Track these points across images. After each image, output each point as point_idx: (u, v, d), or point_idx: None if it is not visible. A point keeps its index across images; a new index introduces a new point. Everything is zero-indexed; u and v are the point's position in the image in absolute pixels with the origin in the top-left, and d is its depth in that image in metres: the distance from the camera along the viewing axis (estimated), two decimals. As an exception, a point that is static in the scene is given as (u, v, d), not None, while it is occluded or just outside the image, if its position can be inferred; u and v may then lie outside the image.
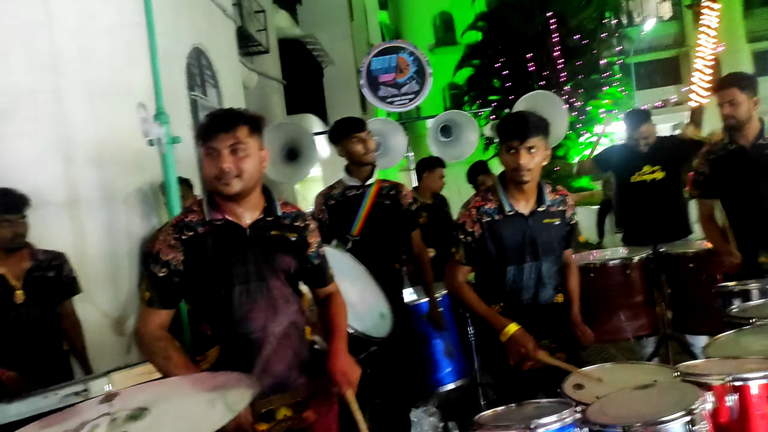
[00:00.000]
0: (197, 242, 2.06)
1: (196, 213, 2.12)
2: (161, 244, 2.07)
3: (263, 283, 2.09)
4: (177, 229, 2.07)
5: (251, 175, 2.04)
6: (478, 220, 2.66)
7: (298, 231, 2.21)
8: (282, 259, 2.14)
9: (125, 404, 1.26)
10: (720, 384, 1.90)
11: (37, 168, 3.74)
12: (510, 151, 2.58)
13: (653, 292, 4.19)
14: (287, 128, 5.79)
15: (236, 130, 2.00)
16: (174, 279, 2.05)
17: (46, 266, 3.29)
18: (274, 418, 2.09)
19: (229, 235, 2.08)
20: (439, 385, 3.85)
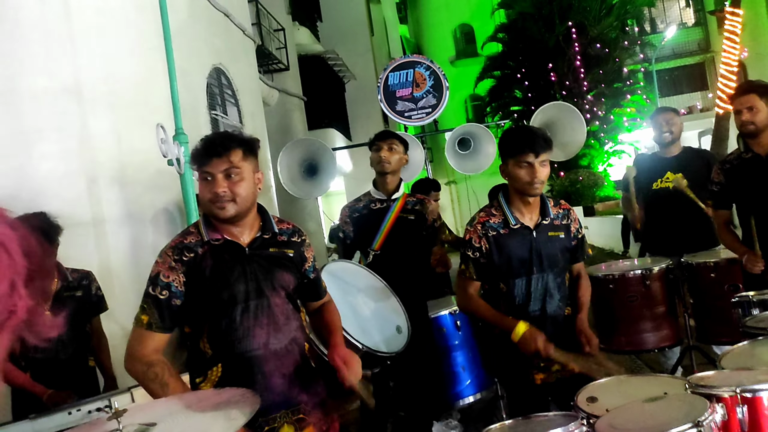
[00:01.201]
0: (197, 263, 2.07)
1: (194, 234, 2.14)
2: (161, 267, 2.07)
3: (264, 300, 2.11)
4: (177, 251, 2.08)
5: (246, 198, 2.07)
6: (484, 234, 2.69)
7: (296, 247, 2.24)
8: (282, 275, 2.17)
9: (134, 420, 1.31)
10: (730, 396, 1.89)
11: (62, 189, 3.85)
12: (523, 165, 2.61)
13: (675, 303, 4.15)
14: (306, 143, 5.86)
15: (230, 154, 2.02)
16: (174, 301, 2.05)
17: (74, 286, 3.36)
18: None
19: (229, 254, 2.11)
20: (459, 398, 3.84)
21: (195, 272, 2.07)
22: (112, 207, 4.03)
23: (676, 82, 24.77)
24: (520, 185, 2.65)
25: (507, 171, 2.68)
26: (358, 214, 3.63)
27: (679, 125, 4.48)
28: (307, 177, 5.76)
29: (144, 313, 2.06)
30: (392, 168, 3.59)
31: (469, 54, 27.98)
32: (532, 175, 2.58)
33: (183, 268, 2.06)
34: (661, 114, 4.52)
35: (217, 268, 2.08)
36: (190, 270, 2.07)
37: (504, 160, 2.70)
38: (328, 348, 2.21)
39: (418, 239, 3.59)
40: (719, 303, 3.74)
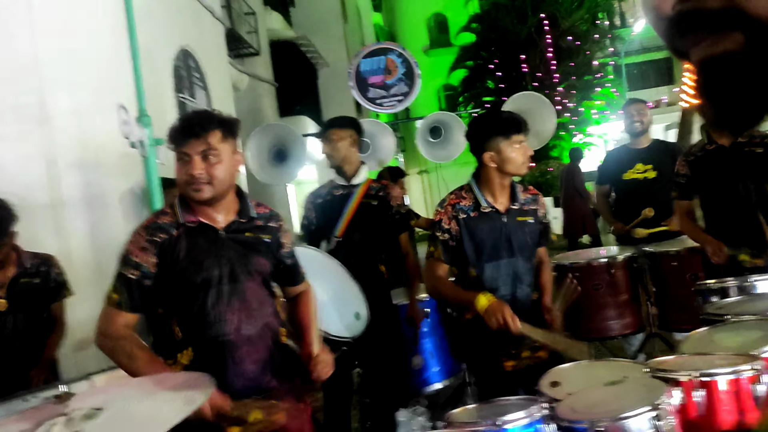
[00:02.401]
0: (171, 245, 2.04)
1: (169, 215, 2.10)
2: (132, 246, 2.04)
3: (237, 285, 2.08)
4: (150, 231, 2.05)
5: (222, 180, 2.03)
6: (454, 217, 2.68)
7: (272, 232, 2.22)
8: (257, 260, 2.14)
9: (82, 404, 1.27)
10: (687, 380, 1.92)
11: (21, 171, 3.75)
12: (515, 145, 2.61)
13: (638, 291, 4.23)
14: (275, 129, 5.79)
15: (208, 135, 1.98)
16: (145, 282, 2.02)
17: (33, 272, 3.27)
18: (246, 421, 2.08)
19: (203, 237, 2.08)
20: (427, 385, 3.85)
21: (168, 254, 2.03)
22: (71, 190, 3.94)
23: (644, 76, 25.16)
24: (515, 166, 2.64)
25: (498, 156, 2.63)
26: (321, 200, 3.60)
27: (648, 116, 4.56)
28: (276, 163, 5.68)
29: (115, 292, 2.03)
30: (339, 157, 3.54)
31: (443, 44, 27.99)
32: (525, 154, 2.62)
33: (155, 249, 2.03)
34: (633, 105, 4.61)
35: (191, 251, 2.05)
36: (163, 251, 2.03)
37: (489, 142, 2.64)
38: (302, 344, 2.20)
39: (381, 225, 3.56)
40: (680, 291, 3.81)
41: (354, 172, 3.59)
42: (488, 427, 1.77)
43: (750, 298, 2.79)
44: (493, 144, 2.63)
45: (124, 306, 2.01)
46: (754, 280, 2.91)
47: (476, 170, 2.76)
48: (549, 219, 2.90)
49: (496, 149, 2.63)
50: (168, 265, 2.03)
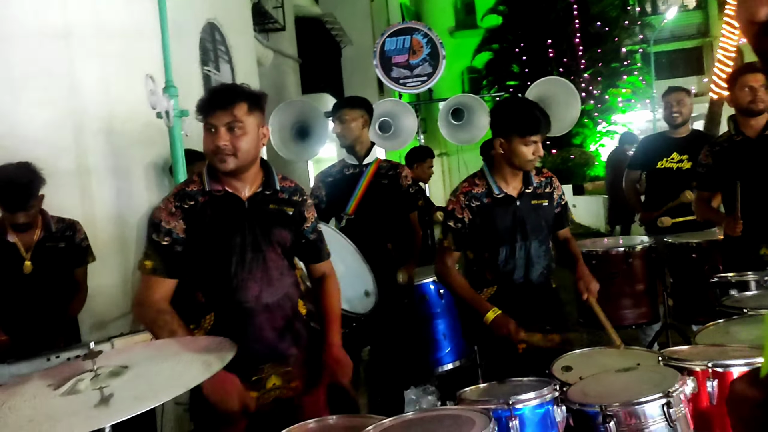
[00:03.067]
0: (197, 212, 2.10)
1: (197, 183, 2.16)
2: (163, 213, 2.10)
3: (259, 255, 2.13)
4: (178, 198, 2.11)
5: (247, 152, 2.07)
6: (467, 205, 2.71)
7: (296, 205, 2.26)
8: (279, 232, 2.18)
9: (108, 362, 1.32)
10: (701, 369, 1.93)
11: (49, 136, 3.80)
12: (529, 143, 2.63)
13: (656, 282, 4.21)
14: (299, 105, 5.81)
15: (234, 107, 2.02)
16: (176, 248, 2.08)
17: (58, 237, 3.35)
18: (264, 386, 2.15)
19: (228, 206, 2.13)
20: (439, 365, 3.89)
21: (194, 220, 2.09)
22: (98, 158, 3.99)
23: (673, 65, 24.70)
24: (521, 162, 2.67)
25: (507, 146, 2.66)
26: (331, 179, 3.66)
27: (689, 106, 4.46)
28: (297, 139, 5.72)
29: (148, 259, 2.09)
30: (351, 138, 3.58)
31: (469, 25, 27.68)
32: (536, 153, 2.64)
33: (182, 215, 2.08)
34: (673, 93, 4.50)
35: (216, 218, 2.10)
36: (189, 218, 2.09)
37: (505, 135, 2.67)
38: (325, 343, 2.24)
39: (391, 205, 3.61)
40: (698, 283, 3.78)
41: (366, 152, 3.63)
42: (499, 406, 1.80)
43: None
44: (509, 138, 2.66)
45: (159, 272, 2.07)
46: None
47: (489, 157, 2.79)
48: (566, 200, 2.90)
49: (508, 140, 2.65)
50: (195, 230, 2.09)
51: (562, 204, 2.87)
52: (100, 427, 1.12)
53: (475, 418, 1.66)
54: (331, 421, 2.03)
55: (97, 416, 1.12)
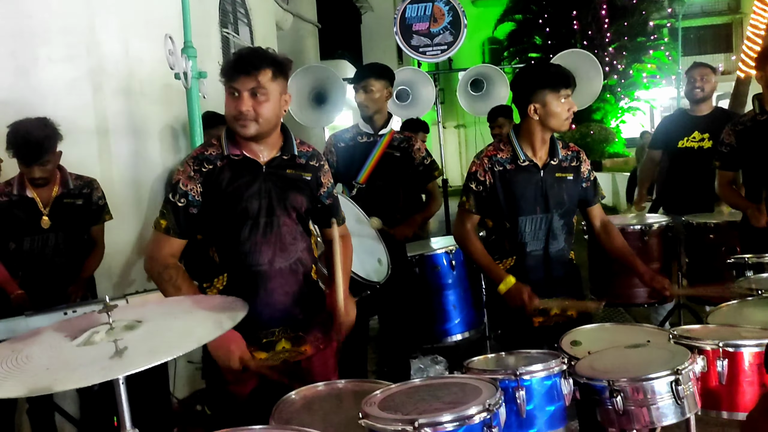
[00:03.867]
0: (215, 175, 2.12)
1: (216, 147, 2.17)
2: (181, 175, 2.13)
3: (273, 219, 2.15)
4: (197, 162, 2.13)
5: (269, 119, 2.07)
6: (490, 168, 2.68)
7: (313, 171, 2.27)
8: (294, 197, 2.20)
9: (123, 316, 1.34)
10: (712, 349, 1.92)
11: (68, 94, 3.80)
12: (562, 98, 2.58)
13: (671, 261, 4.18)
14: (317, 71, 5.77)
15: (259, 73, 2.02)
16: (191, 210, 2.11)
17: (76, 194, 3.39)
18: (274, 348, 2.18)
19: (246, 170, 2.14)
20: (448, 335, 3.91)
21: (212, 184, 2.11)
22: (116, 117, 3.99)
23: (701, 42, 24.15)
24: (558, 121, 2.61)
25: (543, 108, 2.59)
26: (344, 145, 3.64)
27: (713, 83, 4.37)
28: (314, 105, 5.69)
29: (163, 218, 2.12)
30: (373, 109, 3.56)
31: (492, -6, 27.17)
32: (570, 110, 2.60)
33: (201, 179, 2.11)
34: (696, 69, 4.41)
35: (233, 182, 2.12)
36: (208, 181, 2.11)
37: (536, 94, 2.60)
38: (331, 288, 2.25)
39: (402, 176, 3.61)
40: (714, 264, 3.75)
41: (384, 123, 3.61)
42: (506, 377, 1.81)
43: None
44: (540, 96, 2.59)
45: (172, 232, 2.11)
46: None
47: (517, 123, 2.74)
48: (595, 175, 2.83)
49: (542, 101, 2.59)
50: (211, 194, 2.11)
51: (591, 179, 2.79)
52: (114, 378, 1.15)
53: (482, 387, 1.67)
54: (340, 385, 2.06)
55: (112, 367, 1.14)
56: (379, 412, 1.57)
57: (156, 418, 3.06)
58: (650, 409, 1.79)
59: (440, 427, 1.48)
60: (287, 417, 1.83)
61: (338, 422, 1.76)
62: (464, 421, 1.50)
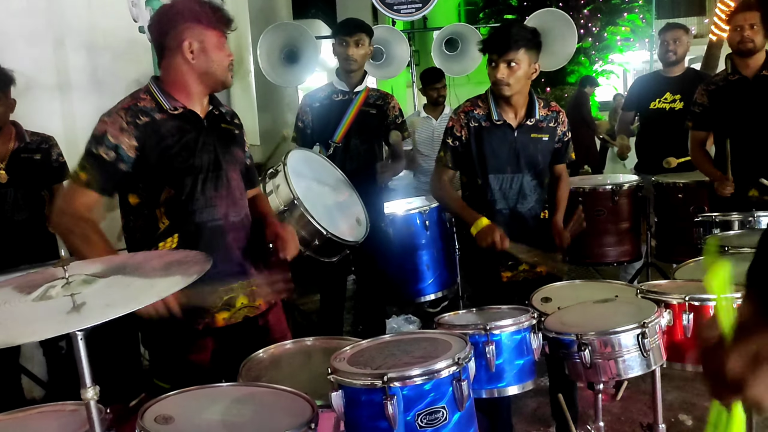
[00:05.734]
0: (154, 128, 1.99)
1: (148, 100, 2.03)
2: (109, 126, 1.95)
3: (221, 173, 2.09)
4: (131, 113, 1.97)
5: None
6: (467, 124, 2.68)
7: (239, 128, 2.25)
8: (236, 151, 2.17)
9: (81, 271, 1.30)
10: (678, 303, 1.95)
11: (29, 49, 3.66)
12: (491, 64, 2.59)
13: (640, 220, 4.24)
14: (289, 28, 5.63)
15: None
16: (120, 165, 1.95)
17: (33, 149, 3.29)
18: (234, 305, 2.13)
19: (189, 123, 2.05)
20: (422, 295, 3.94)
21: (151, 138, 1.98)
22: (79, 73, 3.85)
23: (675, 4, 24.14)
24: (491, 83, 2.64)
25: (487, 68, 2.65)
26: (318, 104, 3.57)
27: (685, 45, 4.35)
28: (286, 63, 5.57)
29: (83, 171, 1.95)
30: (360, 64, 3.51)
31: (468, -46, 26.74)
32: (494, 75, 2.57)
33: (136, 132, 1.96)
34: (669, 31, 4.38)
35: (177, 136, 2.02)
36: (145, 135, 1.97)
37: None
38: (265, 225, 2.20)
39: (378, 133, 3.58)
40: (682, 223, 3.80)
41: (360, 80, 3.55)
42: (476, 332, 1.82)
43: (752, 232, 2.79)
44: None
45: (93, 185, 1.93)
46: (758, 216, 2.90)
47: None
48: (569, 136, 2.83)
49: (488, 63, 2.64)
50: (151, 149, 1.98)
51: (564, 140, 2.80)
52: (70, 331, 1.11)
53: (452, 342, 1.67)
54: (309, 343, 2.05)
55: (68, 321, 1.11)
56: (348, 367, 1.56)
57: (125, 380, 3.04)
58: (617, 362, 1.82)
59: (409, 381, 1.48)
60: (255, 374, 1.82)
61: (307, 378, 1.76)
62: (433, 375, 1.50)
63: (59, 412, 1.59)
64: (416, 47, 9.36)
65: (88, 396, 1.24)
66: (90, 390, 1.23)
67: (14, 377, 3.24)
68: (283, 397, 1.55)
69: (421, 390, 1.49)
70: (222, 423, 1.45)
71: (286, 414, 1.46)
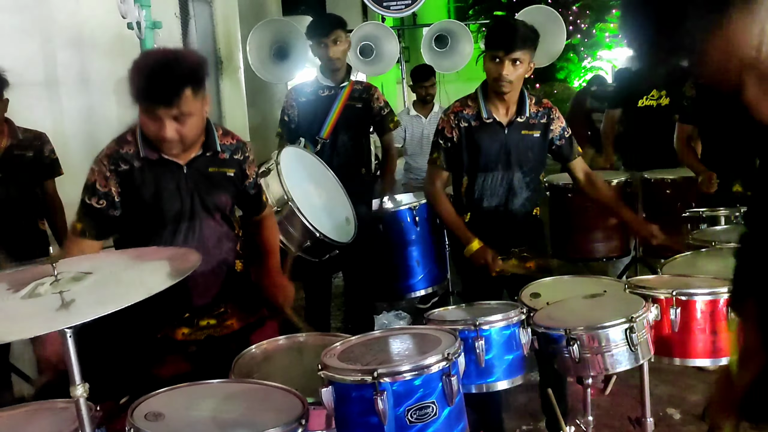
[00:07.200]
0: (132, 176, 2.00)
1: (131, 144, 2.02)
2: (96, 176, 1.99)
3: (195, 223, 2.06)
4: (112, 161, 1.99)
5: (195, 135, 1.97)
6: (456, 125, 2.68)
7: (237, 165, 2.15)
8: (219, 197, 2.10)
9: (69, 268, 1.30)
10: (665, 297, 1.97)
11: (16, 44, 3.63)
12: (494, 60, 2.56)
13: (629, 216, 4.26)
14: (278, 24, 5.63)
15: (180, 101, 1.83)
16: (111, 211, 2.00)
17: (26, 146, 3.27)
18: (197, 324, 2.11)
19: (165, 171, 2.01)
20: (412, 291, 3.95)
21: (129, 186, 2.00)
22: (67, 70, 3.83)
23: (664, 2, 24.30)
24: (490, 80, 2.63)
25: (484, 64, 2.64)
26: (304, 99, 3.56)
27: None
28: (276, 60, 5.57)
29: (79, 221, 2.02)
30: (343, 61, 3.51)
31: (458, -50, 26.74)
32: (499, 71, 2.54)
33: (117, 179, 1.99)
34: None
35: (151, 185, 2.00)
36: (124, 182, 2.00)
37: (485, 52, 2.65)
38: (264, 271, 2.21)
39: (365, 127, 3.59)
40: (671, 219, 3.83)
41: (345, 74, 3.55)
42: (466, 327, 1.83)
43: (738, 227, 2.82)
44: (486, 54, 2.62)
45: (88, 235, 2.01)
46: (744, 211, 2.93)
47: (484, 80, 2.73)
48: (570, 131, 2.79)
49: (484, 60, 2.63)
50: (129, 196, 2.01)
51: (566, 137, 2.77)
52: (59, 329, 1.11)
53: (441, 337, 1.68)
54: (301, 339, 2.06)
55: (57, 318, 1.11)
56: (339, 363, 1.57)
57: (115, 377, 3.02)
58: (605, 356, 1.84)
59: (399, 376, 1.49)
60: (247, 370, 1.82)
61: (299, 374, 1.76)
62: (423, 370, 1.51)
63: (49, 410, 1.59)
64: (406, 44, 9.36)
65: (78, 393, 1.24)
66: (80, 387, 1.23)
67: (4, 375, 3.22)
68: (273, 393, 1.56)
69: (411, 385, 1.50)
70: (212, 419, 1.45)
71: (276, 410, 1.47)
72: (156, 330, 2.05)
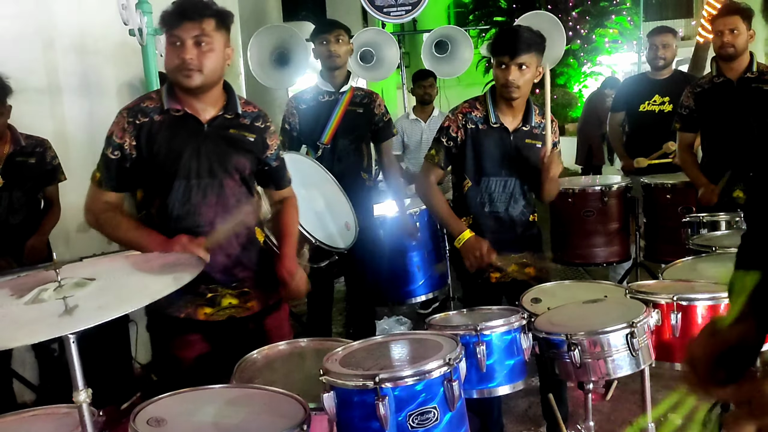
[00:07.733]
0: (150, 129, 2.03)
1: (154, 100, 2.08)
2: (115, 127, 2.04)
3: (215, 181, 2.07)
4: (131, 113, 2.04)
5: (213, 70, 2.00)
6: (463, 125, 2.68)
7: (258, 132, 2.18)
8: (238, 158, 2.12)
9: (73, 274, 1.30)
10: (666, 302, 1.97)
11: (18, 51, 3.64)
12: (501, 66, 2.57)
13: (629, 221, 4.27)
14: (279, 31, 5.63)
15: (203, 21, 1.94)
16: (125, 164, 2.03)
17: (28, 152, 3.30)
18: (219, 303, 2.12)
19: (186, 127, 2.05)
20: (412, 296, 3.95)
21: (146, 139, 2.02)
22: (69, 76, 3.83)
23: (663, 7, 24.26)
24: (497, 86, 2.63)
25: (493, 71, 2.64)
26: (305, 106, 3.55)
27: (673, 49, 4.38)
28: (277, 65, 5.57)
29: (98, 171, 2.07)
30: (343, 60, 3.50)
31: (458, -44, 26.82)
32: (506, 77, 2.55)
33: (134, 131, 2.02)
34: (658, 35, 4.40)
35: (170, 140, 2.03)
36: (141, 135, 2.03)
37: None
38: (279, 256, 2.21)
39: (366, 133, 3.57)
40: (671, 223, 3.85)
41: (344, 79, 3.55)
42: (467, 332, 1.83)
43: (739, 232, 2.82)
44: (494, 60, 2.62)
45: (104, 185, 2.05)
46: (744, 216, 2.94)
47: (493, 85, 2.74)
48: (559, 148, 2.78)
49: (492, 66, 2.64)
50: (145, 149, 2.03)
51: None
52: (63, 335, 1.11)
53: (442, 342, 1.68)
54: (302, 344, 2.06)
55: (60, 324, 1.11)
56: (340, 368, 1.57)
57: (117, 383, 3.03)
58: (606, 361, 1.84)
59: (401, 381, 1.49)
60: (249, 376, 1.82)
61: (300, 380, 1.77)
62: (424, 375, 1.51)
63: (52, 415, 1.59)
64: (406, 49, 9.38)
65: (81, 399, 1.24)
66: (82, 393, 1.24)
67: (6, 381, 3.23)
68: (275, 398, 1.56)
69: (413, 390, 1.50)
70: (214, 425, 1.45)
71: (278, 416, 1.47)
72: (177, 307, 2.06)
